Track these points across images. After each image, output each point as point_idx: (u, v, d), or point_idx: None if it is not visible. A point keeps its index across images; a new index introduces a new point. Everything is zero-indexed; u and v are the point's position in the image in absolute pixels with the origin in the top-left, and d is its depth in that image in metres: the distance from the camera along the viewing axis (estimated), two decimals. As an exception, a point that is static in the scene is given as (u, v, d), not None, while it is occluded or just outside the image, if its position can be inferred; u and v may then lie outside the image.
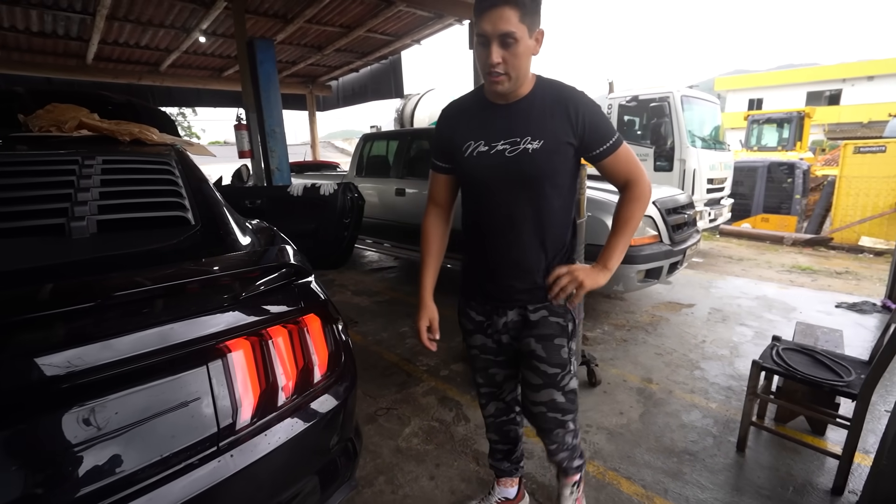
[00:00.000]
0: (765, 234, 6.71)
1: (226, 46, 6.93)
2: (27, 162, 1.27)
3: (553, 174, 1.11)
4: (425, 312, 1.28)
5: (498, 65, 1.00)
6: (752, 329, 3.27)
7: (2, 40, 5.83)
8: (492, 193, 1.14)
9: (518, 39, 0.99)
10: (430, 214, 1.32)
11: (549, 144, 1.08)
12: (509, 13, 0.96)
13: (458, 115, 1.20)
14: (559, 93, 1.11)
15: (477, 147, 1.13)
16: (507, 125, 1.10)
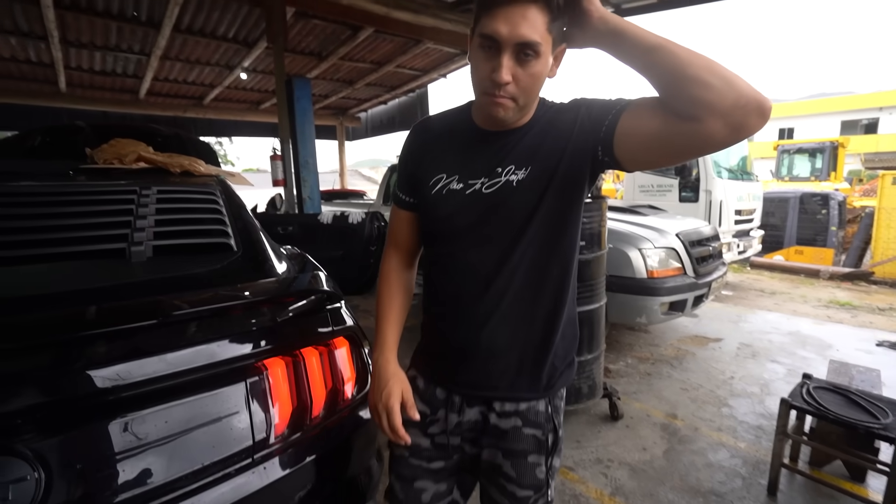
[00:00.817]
0: (799, 266, 6.50)
1: (264, 82, 7.39)
2: (94, 192, 1.41)
3: (548, 212, 0.80)
4: (393, 384, 0.87)
5: (506, 85, 0.71)
6: (784, 366, 3.15)
7: (69, 79, 6.41)
8: (461, 247, 0.84)
9: (540, 54, 0.70)
10: (389, 259, 0.99)
11: (538, 171, 0.79)
12: (535, 15, 0.68)
13: (432, 136, 0.90)
14: (561, 106, 0.84)
15: (448, 184, 0.84)
16: (492, 158, 0.82)
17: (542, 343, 0.87)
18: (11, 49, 5.42)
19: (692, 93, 0.63)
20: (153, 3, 4.47)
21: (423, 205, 0.89)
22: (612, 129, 0.74)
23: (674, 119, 0.67)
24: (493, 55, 0.71)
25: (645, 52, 0.67)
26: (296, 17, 4.76)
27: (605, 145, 0.75)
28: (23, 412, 0.69)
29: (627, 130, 0.73)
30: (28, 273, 1.01)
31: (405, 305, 0.98)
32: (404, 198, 0.94)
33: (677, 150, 0.71)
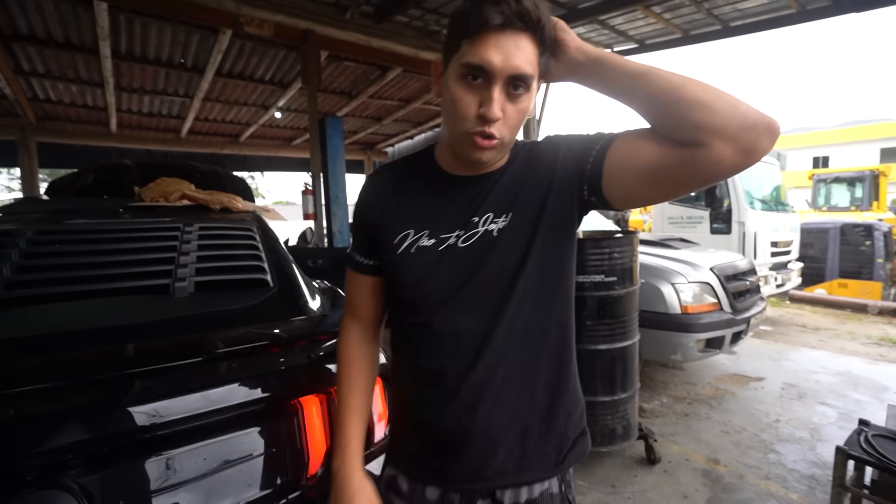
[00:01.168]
0: (844, 301, 6.16)
1: (296, 120, 7.76)
2: (142, 229, 1.49)
3: (537, 262, 0.70)
4: (360, 501, 0.73)
5: (495, 123, 0.63)
6: (835, 409, 2.94)
7: (119, 120, 6.90)
8: (441, 314, 0.71)
9: (530, 89, 0.64)
10: (349, 332, 0.83)
11: (520, 218, 0.70)
12: (527, 45, 0.61)
13: (391, 186, 0.78)
14: (535, 145, 0.76)
15: (417, 240, 0.72)
16: (466, 206, 0.72)
17: (549, 411, 0.74)
18: (72, 95, 5.90)
19: (694, 116, 0.58)
20: (199, 51, 4.81)
21: (389, 268, 0.75)
22: (599, 164, 0.67)
23: (674, 147, 0.61)
24: (481, 89, 0.62)
25: (631, 79, 0.63)
26: (328, 60, 5.03)
27: (592, 183, 0.68)
28: (71, 448, 0.71)
29: (619, 164, 0.66)
30: (80, 309, 1.07)
31: (370, 390, 0.83)
32: (363, 260, 0.80)
33: (681, 180, 0.64)
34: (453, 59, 0.64)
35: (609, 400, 2.16)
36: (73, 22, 4.04)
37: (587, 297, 2.08)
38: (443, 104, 0.68)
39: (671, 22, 4.57)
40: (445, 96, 0.66)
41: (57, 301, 1.08)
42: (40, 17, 3.96)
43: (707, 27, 4.69)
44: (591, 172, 0.68)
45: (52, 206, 1.94)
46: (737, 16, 4.45)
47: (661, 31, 4.81)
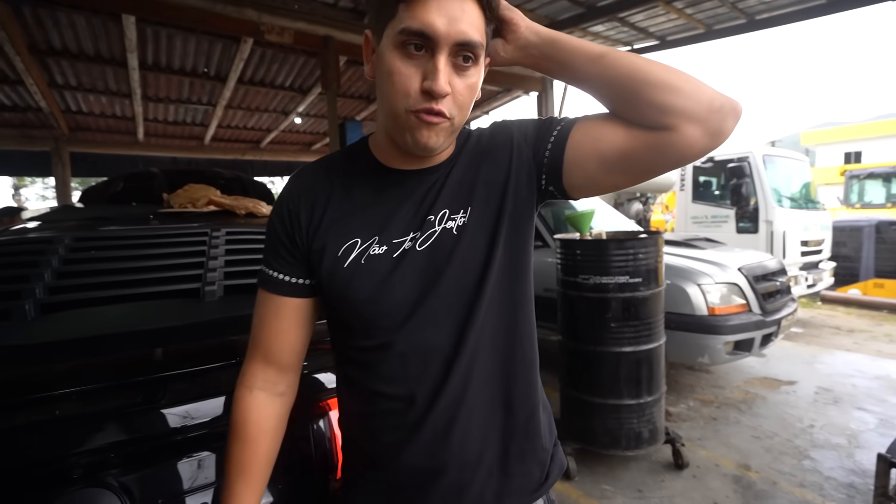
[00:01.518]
0: (881, 301, 5.92)
1: (316, 125, 7.89)
2: (172, 234, 1.53)
3: (503, 261, 0.63)
4: None
5: (444, 97, 0.55)
6: (873, 415, 2.82)
7: (146, 129, 7.14)
8: (402, 333, 0.61)
9: (478, 62, 0.57)
10: (251, 384, 0.68)
11: (480, 213, 0.63)
12: (473, 10, 0.54)
13: (323, 190, 0.66)
14: (484, 132, 0.69)
15: (367, 249, 0.62)
16: (419, 204, 0.63)
17: (529, 424, 0.67)
18: (102, 106, 6.13)
19: (662, 98, 0.55)
20: (221, 59, 4.95)
21: (332, 286, 0.62)
22: (559, 152, 0.62)
23: (641, 131, 0.58)
24: (423, 60, 0.54)
25: (591, 61, 0.58)
26: (347, 65, 5.11)
27: (551, 173, 0.63)
28: (112, 448, 0.73)
29: (581, 151, 0.61)
30: (117, 313, 1.10)
31: (272, 453, 0.68)
32: (288, 279, 0.65)
33: (649, 165, 0.60)
34: (388, 28, 0.55)
35: (635, 403, 2.11)
36: (103, 36, 4.20)
37: (612, 299, 2.04)
38: (378, 82, 0.59)
39: (693, 17, 4.48)
40: (380, 71, 0.57)
41: (95, 305, 1.11)
42: (73, 32, 4.13)
43: (731, 21, 4.58)
44: (549, 161, 0.63)
45: (87, 213, 2.01)
46: (763, 8, 4.33)
47: (683, 26, 4.72)
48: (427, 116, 0.55)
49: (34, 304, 1.08)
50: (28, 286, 1.12)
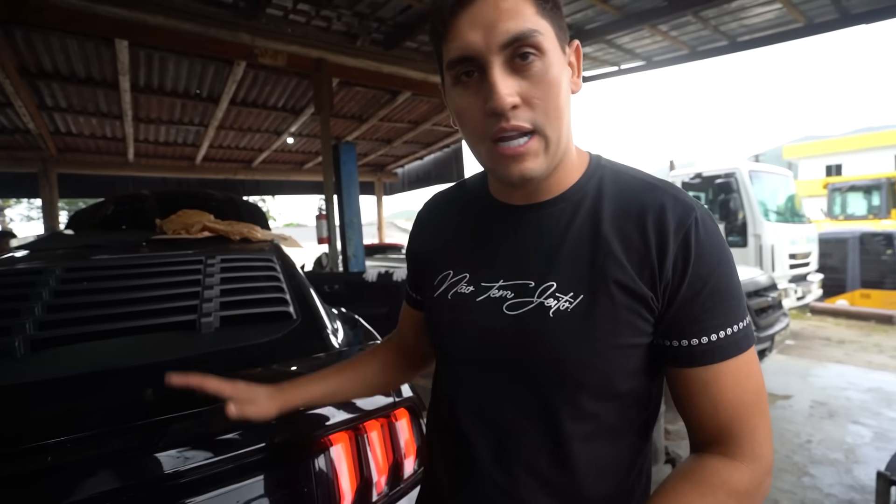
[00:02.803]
0: (869, 312, 6.01)
1: (308, 144, 7.90)
2: (165, 263, 1.51)
3: (601, 370, 0.51)
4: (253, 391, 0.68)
5: (515, 110, 0.47)
6: (869, 429, 2.84)
7: (137, 150, 7.10)
8: (471, 377, 0.58)
9: (545, 50, 0.47)
10: (383, 343, 0.83)
11: (593, 303, 0.50)
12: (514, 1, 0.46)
13: (439, 219, 0.68)
14: (636, 192, 0.53)
15: (456, 284, 0.59)
16: (519, 250, 0.56)
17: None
18: (92, 128, 6.10)
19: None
20: (214, 81, 4.96)
21: (428, 312, 0.65)
22: (683, 359, 0.50)
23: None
24: (479, 83, 0.48)
25: None
26: (339, 86, 5.15)
27: (668, 357, 0.51)
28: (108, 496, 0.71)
29: (686, 385, 0.51)
30: (111, 348, 1.08)
31: (361, 380, 0.76)
32: (411, 293, 0.75)
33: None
34: (444, 68, 0.52)
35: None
36: (94, 59, 4.20)
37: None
38: (459, 126, 0.54)
39: (678, 39, 4.62)
40: (452, 114, 0.54)
41: (88, 340, 1.09)
42: (65, 56, 4.13)
43: (714, 43, 4.72)
44: (670, 353, 0.51)
45: (78, 241, 1.98)
46: (743, 31, 4.48)
47: (668, 48, 4.85)
48: (505, 148, 0.48)
49: (24, 341, 1.05)
50: (18, 321, 1.09)
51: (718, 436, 0.50)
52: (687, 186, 6.08)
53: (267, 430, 0.83)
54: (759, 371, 0.51)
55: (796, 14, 4.02)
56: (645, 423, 0.57)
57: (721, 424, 0.49)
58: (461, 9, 0.47)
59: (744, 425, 0.49)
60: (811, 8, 3.99)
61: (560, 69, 0.49)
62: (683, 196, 0.52)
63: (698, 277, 0.49)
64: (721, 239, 0.51)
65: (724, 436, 0.49)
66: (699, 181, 5.90)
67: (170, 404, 0.81)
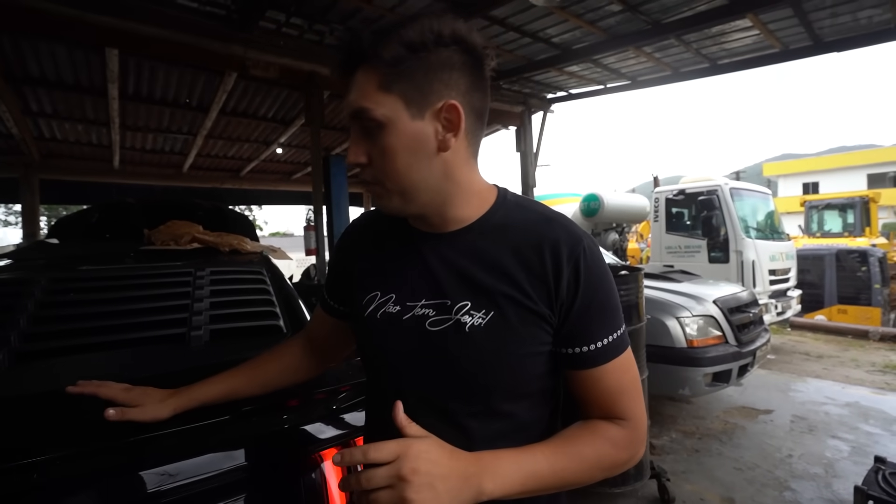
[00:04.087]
0: (845, 327, 6.17)
1: (297, 155, 7.89)
2: (154, 275, 1.50)
3: (513, 375, 0.60)
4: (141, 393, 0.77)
5: (363, 167, 0.60)
6: (847, 443, 2.90)
7: (122, 157, 7.00)
8: (399, 387, 0.64)
9: (381, 122, 0.56)
10: (296, 338, 0.88)
11: (502, 319, 0.59)
12: (364, 77, 0.57)
13: (369, 238, 0.74)
14: (535, 224, 0.62)
15: (384, 305, 0.66)
16: (437, 272, 0.63)
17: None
18: (77, 134, 6.01)
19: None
20: (204, 91, 4.95)
21: (356, 328, 0.72)
22: (576, 362, 0.62)
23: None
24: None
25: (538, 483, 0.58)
26: (330, 98, 5.17)
27: (563, 361, 0.63)
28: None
29: (580, 382, 0.63)
30: (99, 361, 1.06)
31: (264, 376, 0.84)
32: (331, 302, 0.80)
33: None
34: None
35: (620, 438, 2.12)
36: (83, 66, 4.17)
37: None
38: None
39: (661, 61, 4.77)
40: None
41: (74, 353, 1.07)
42: (53, 63, 4.09)
43: (695, 65, 4.89)
44: (566, 358, 0.63)
45: (63, 251, 1.95)
46: (723, 55, 4.65)
47: (652, 68, 5.00)
48: (366, 187, 0.62)
49: (9, 353, 1.03)
50: (2, 333, 1.07)
51: (607, 412, 0.63)
52: (670, 202, 6.22)
53: (258, 446, 0.83)
54: (634, 364, 0.65)
55: (773, 40, 4.20)
56: (552, 413, 0.68)
57: (609, 404, 0.63)
58: (345, 79, 0.60)
59: (625, 403, 0.63)
60: (787, 35, 4.17)
61: (399, 137, 0.57)
62: (574, 229, 0.63)
63: (586, 296, 0.60)
64: (603, 264, 0.63)
65: (610, 411, 0.63)
66: (682, 198, 6.04)
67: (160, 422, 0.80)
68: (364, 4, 3.56)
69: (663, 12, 3.82)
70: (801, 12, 3.69)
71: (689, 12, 3.77)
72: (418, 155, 0.59)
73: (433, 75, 0.57)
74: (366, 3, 3.54)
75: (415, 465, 0.50)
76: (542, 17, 3.91)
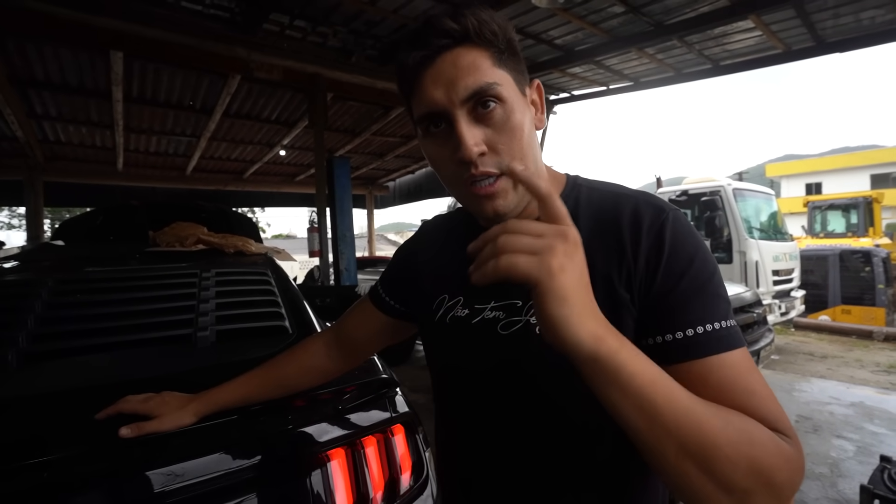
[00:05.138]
0: (849, 327, 6.15)
1: (300, 157, 7.92)
2: (160, 276, 1.51)
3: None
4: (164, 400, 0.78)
5: (482, 157, 0.50)
6: (852, 443, 2.89)
7: (126, 159, 7.04)
8: (474, 396, 0.61)
9: (505, 98, 0.51)
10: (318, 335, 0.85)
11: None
12: (469, 55, 0.50)
13: (438, 242, 0.71)
14: (612, 202, 0.56)
15: (453, 308, 0.63)
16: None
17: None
18: (81, 137, 6.05)
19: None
20: (208, 93, 4.98)
21: (424, 331, 0.69)
22: (667, 355, 0.46)
23: None
24: (447, 134, 0.51)
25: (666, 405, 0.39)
26: (333, 100, 5.20)
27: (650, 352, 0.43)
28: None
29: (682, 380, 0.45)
30: (106, 362, 1.07)
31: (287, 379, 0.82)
32: (387, 298, 0.75)
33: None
34: (415, 114, 0.55)
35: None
36: (88, 69, 4.20)
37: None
38: (435, 171, 0.58)
39: (664, 62, 4.77)
40: (429, 162, 0.57)
41: (82, 354, 1.08)
42: (57, 66, 4.12)
43: (698, 66, 4.89)
44: (652, 349, 0.47)
45: (69, 252, 1.96)
46: (726, 56, 4.65)
47: (655, 69, 5.00)
48: (480, 188, 0.51)
49: (17, 354, 1.04)
50: (10, 334, 1.08)
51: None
52: (674, 203, 6.20)
53: (266, 446, 0.84)
54: (757, 369, 0.47)
55: (775, 41, 4.19)
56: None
57: (740, 408, 0.42)
58: (424, 69, 0.51)
59: (767, 408, 0.43)
60: (790, 36, 4.17)
61: (521, 113, 0.52)
62: (656, 200, 0.54)
63: (672, 273, 0.48)
64: (696, 238, 0.51)
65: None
66: (685, 198, 6.03)
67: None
68: (367, 7, 3.57)
69: (666, 13, 3.82)
70: (803, 13, 3.68)
71: (692, 14, 3.77)
72: (534, 135, 0.54)
73: (520, 55, 0.55)
74: (369, 5, 3.56)
75: (576, 244, 0.39)
76: (545, 19, 3.92)
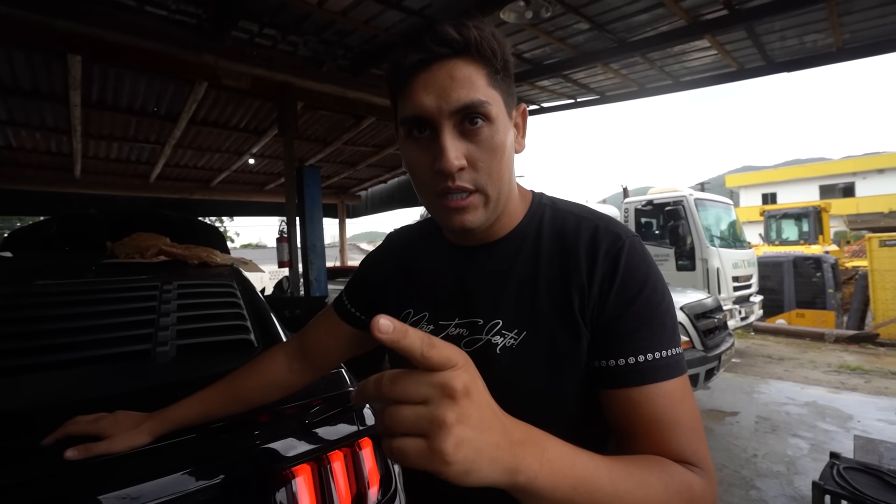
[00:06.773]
0: (804, 330, 6.47)
1: (270, 165, 7.77)
2: (118, 289, 1.45)
3: (549, 397, 0.53)
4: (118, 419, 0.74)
5: (461, 171, 0.50)
6: (806, 441, 3.04)
7: (84, 166, 6.73)
8: None
9: (493, 118, 0.51)
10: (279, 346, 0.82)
11: (534, 339, 0.54)
12: (466, 69, 0.50)
13: (402, 255, 0.71)
14: (572, 226, 0.57)
15: (417, 324, 0.62)
16: (469, 289, 0.60)
17: None
18: (35, 142, 5.75)
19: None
20: (173, 100, 4.83)
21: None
22: (606, 380, 0.50)
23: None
24: (430, 141, 0.51)
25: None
26: (304, 109, 5.14)
27: (595, 378, 0.51)
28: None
29: (616, 406, 0.50)
30: (56, 380, 1.02)
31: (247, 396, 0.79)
32: (352, 309, 0.74)
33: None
34: (398, 120, 0.55)
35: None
36: (43, 72, 4.01)
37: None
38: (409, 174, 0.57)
39: (628, 77, 4.96)
40: (405, 164, 0.56)
41: (31, 372, 1.02)
42: (9, 67, 3.92)
43: (660, 82, 5.10)
44: (597, 374, 0.51)
45: (17, 264, 1.86)
46: (685, 73, 4.88)
47: (620, 84, 5.19)
48: (451, 201, 0.51)
49: (-44, 375, 0.98)
50: (-51, 354, 1.02)
51: (659, 449, 0.46)
52: (640, 213, 6.42)
53: (227, 464, 0.81)
54: (692, 399, 0.49)
55: (729, 60, 4.44)
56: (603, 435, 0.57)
57: (660, 438, 0.46)
58: (418, 72, 0.50)
59: (687, 442, 0.46)
60: (742, 55, 4.42)
61: (505, 135, 0.53)
62: (615, 226, 0.56)
63: (622, 300, 0.50)
64: (650, 267, 0.53)
65: (665, 448, 0.46)
66: (650, 208, 6.25)
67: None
68: (338, 17, 3.57)
69: (628, 31, 3.99)
70: (753, 35, 3.92)
71: (652, 32, 3.95)
72: (513, 157, 0.56)
73: (512, 78, 0.56)
74: (340, 15, 3.56)
75: (470, 385, 0.34)
76: (514, 34, 4.02)
